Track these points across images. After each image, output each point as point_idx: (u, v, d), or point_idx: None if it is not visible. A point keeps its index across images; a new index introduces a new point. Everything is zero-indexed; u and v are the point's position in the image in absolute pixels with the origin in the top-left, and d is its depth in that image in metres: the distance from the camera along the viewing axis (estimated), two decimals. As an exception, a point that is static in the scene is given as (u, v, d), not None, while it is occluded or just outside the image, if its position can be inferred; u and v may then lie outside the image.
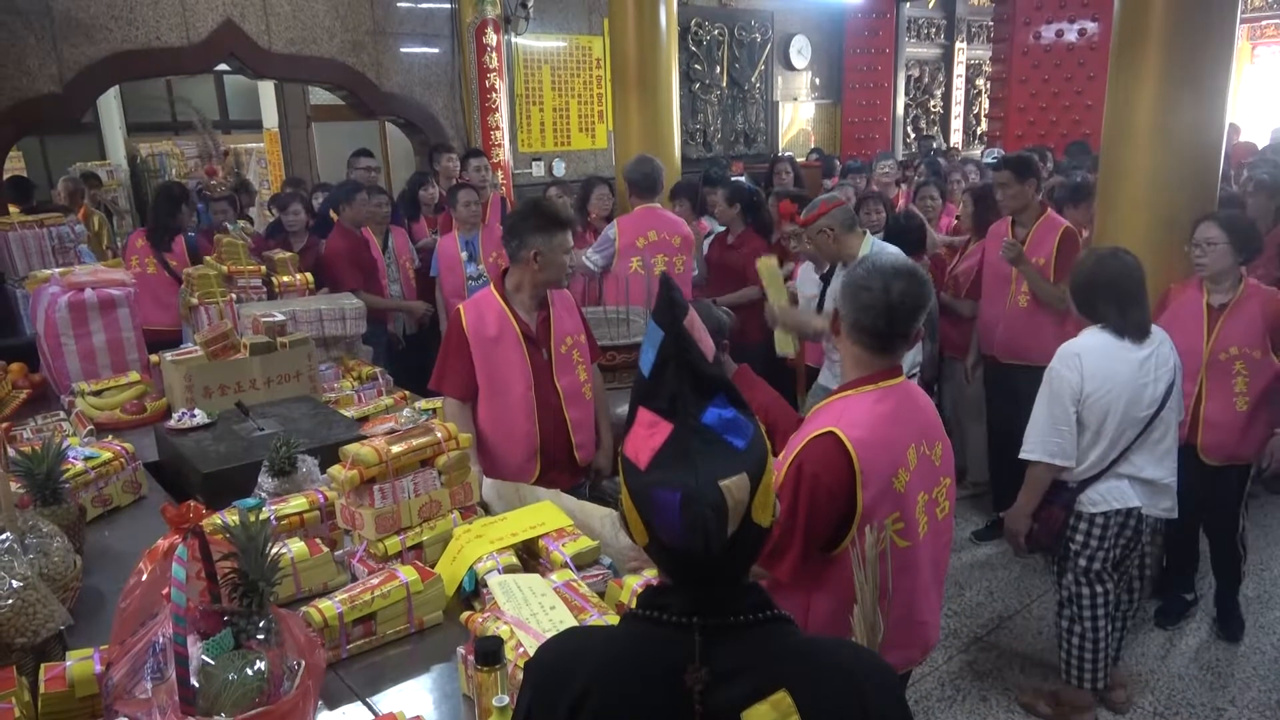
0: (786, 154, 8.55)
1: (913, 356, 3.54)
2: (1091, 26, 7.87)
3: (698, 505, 0.93)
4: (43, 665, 1.55)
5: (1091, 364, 2.75)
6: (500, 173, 7.07)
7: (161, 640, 1.39)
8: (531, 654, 1.27)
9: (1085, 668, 3.00)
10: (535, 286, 2.83)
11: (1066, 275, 3.36)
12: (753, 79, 9.75)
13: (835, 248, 3.44)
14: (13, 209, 5.89)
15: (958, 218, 5.57)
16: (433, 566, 1.99)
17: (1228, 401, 3.28)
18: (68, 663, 1.54)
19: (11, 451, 2.18)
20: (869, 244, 3.40)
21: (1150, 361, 2.79)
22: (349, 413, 3.01)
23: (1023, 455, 2.86)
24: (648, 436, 0.98)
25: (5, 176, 6.23)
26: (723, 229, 5.22)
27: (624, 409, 3.54)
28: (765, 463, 0.98)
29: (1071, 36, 8.06)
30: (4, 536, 1.68)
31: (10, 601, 1.59)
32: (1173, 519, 3.00)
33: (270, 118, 9.77)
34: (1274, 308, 3.23)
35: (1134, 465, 2.83)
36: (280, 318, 3.29)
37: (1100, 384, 2.75)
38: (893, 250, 3.24)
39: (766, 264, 3.40)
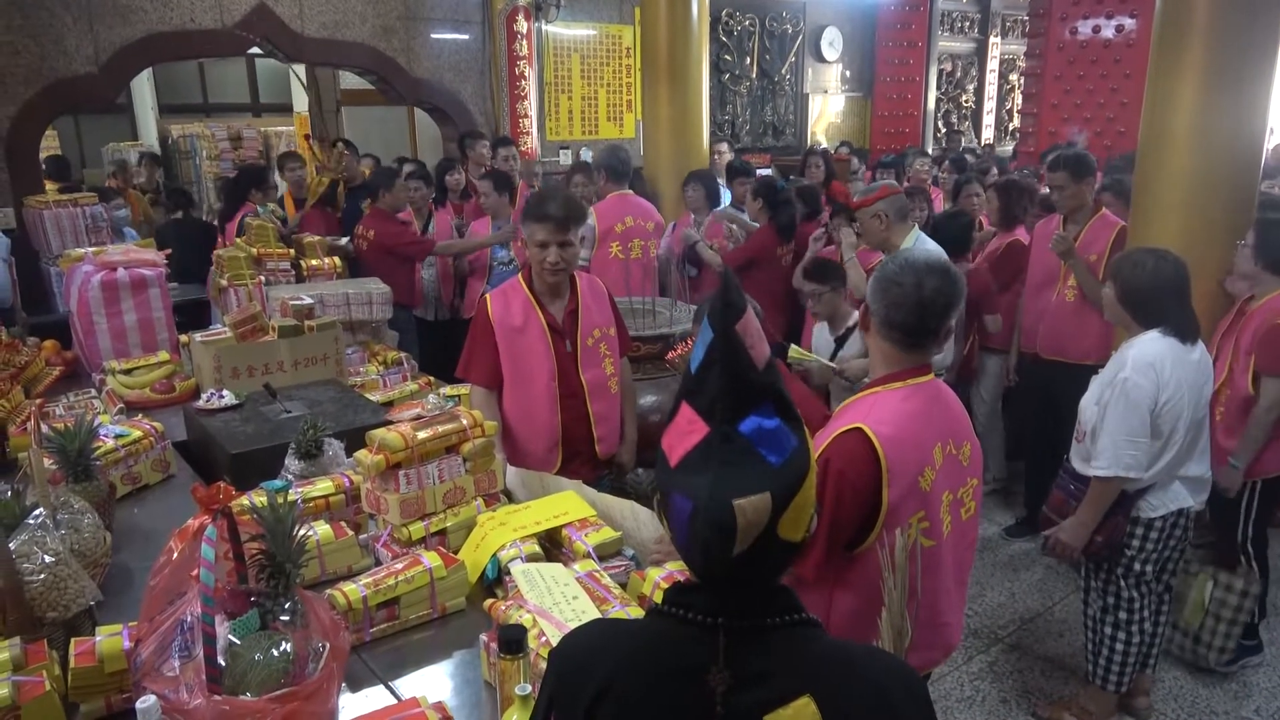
0: (822, 147, 8.48)
1: (942, 358, 3.50)
2: (1129, 23, 7.71)
3: (702, 521, 0.92)
4: (73, 640, 1.57)
5: (1166, 372, 2.68)
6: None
7: (190, 619, 1.41)
8: (554, 643, 1.27)
9: (1114, 670, 2.97)
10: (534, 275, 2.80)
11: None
12: (783, 70, 9.69)
13: (885, 234, 3.40)
14: (50, 186, 5.98)
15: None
16: (456, 553, 2.00)
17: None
18: (97, 638, 1.56)
19: (45, 428, 2.20)
20: (914, 237, 3.37)
21: (1203, 362, 2.78)
22: (374, 397, 3.02)
23: (1095, 472, 2.74)
24: (685, 433, 0.97)
25: (42, 155, 6.32)
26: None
27: (650, 399, 3.48)
28: (802, 480, 0.95)
29: (1109, 33, 7.91)
30: (37, 512, 1.71)
31: (42, 576, 1.61)
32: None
33: (300, 102, 9.82)
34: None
35: (1185, 466, 2.81)
36: (308, 301, 3.31)
37: (1174, 391, 2.68)
38: (933, 246, 3.21)
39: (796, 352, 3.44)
